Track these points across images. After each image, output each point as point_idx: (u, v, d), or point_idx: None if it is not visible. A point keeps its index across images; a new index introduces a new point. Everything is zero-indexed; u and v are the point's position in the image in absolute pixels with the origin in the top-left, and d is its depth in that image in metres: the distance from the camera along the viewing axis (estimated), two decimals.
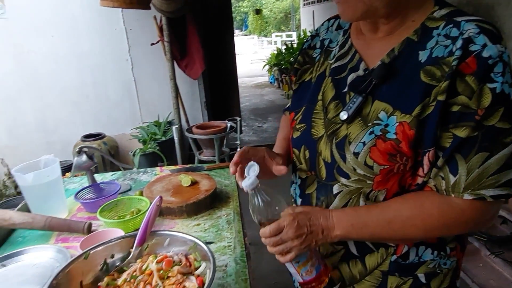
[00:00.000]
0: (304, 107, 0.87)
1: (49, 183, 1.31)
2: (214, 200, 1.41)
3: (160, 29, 2.96)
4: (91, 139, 3.21)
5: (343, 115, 0.75)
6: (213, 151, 1.99)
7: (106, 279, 0.87)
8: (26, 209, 1.34)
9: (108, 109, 3.48)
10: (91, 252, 0.90)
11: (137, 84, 3.44)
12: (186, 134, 2.12)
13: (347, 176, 0.75)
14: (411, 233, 0.73)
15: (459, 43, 0.64)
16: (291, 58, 7.44)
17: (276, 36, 18.90)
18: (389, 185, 0.72)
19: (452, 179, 0.67)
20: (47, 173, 1.30)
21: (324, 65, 0.89)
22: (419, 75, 0.68)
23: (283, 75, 7.83)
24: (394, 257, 0.79)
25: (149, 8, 2.39)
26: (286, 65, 7.62)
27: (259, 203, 0.79)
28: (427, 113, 0.66)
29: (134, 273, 0.88)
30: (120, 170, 1.85)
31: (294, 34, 14.01)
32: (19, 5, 3.09)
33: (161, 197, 0.99)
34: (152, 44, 3.05)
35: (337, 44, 0.88)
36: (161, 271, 0.86)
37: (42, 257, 1.11)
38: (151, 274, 0.87)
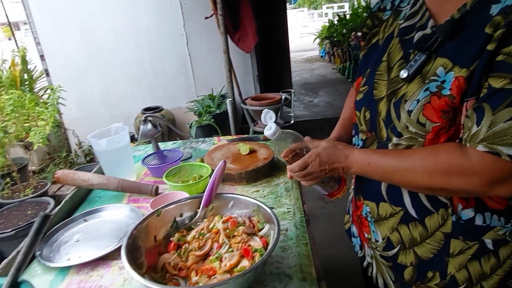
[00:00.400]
0: (369, 70, 0.88)
1: (120, 149, 1.42)
2: (272, 169, 1.43)
3: (214, 2, 2.97)
4: (150, 112, 3.37)
5: (403, 74, 0.74)
6: None
7: (177, 235, 0.94)
8: (100, 172, 1.47)
9: (165, 83, 3.62)
10: (163, 210, 0.97)
11: (192, 58, 3.52)
12: (241, 105, 2.15)
13: (399, 135, 0.75)
14: (417, 174, 0.72)
15: None
16: (344, 30, 7.12)
17: (327, 8, 18.14)
18: (439, 142, 0.71)
19: (474, 129, 0.64)
20: (118, 139, 1.40)
21: (393, 26, 0.86)
22: (485, 28, 0.64)
23: (335, 48, 7.55)
24: (455, 217, 0.76)
25: None
26: (338, 37, 7.31)
27: (284, 145, 0.91)
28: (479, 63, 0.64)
29: (202, 231, 0.93)
30: (177, 140, 1.93)
31: (347, 5, 13.32)
32: None
33: (225, 161, 1.03)
34: (206, 17, 3.08)
35: (408, 3, 0.84)
36: (227, 230, 0.91)
37: (118, 214, 1.22)
38: (217, 232, 0.91)
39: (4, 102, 2.36)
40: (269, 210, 0.91)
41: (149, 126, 1.55)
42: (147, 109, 3.42)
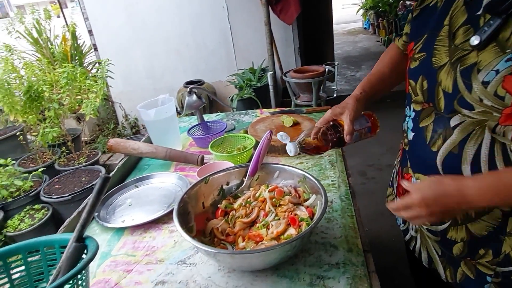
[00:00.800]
0: (426, 35, 0.80)
1: (167, 119, 1.46)
2: None
3: None
4: (192, 85, 3.43)
5: (474, 40, 0.67)
6: (310, 95, 1.96)
7: (224, 202, 0.96)
8: (148, 141, 1.53)
9: (206, 56, 3.64)
10: (211, 178, 0.99)
11: (233, 31, 3.50)
12: (284, 78, 2.12)
13: (470, 107, 0.69)
14: None
15: None
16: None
17: None
18: None
19: None
20: (165, 110, 1.44)
21: None
22: None
23: (380, 19, 7.14)
24: None
25: None
26: (384, 7, 6.88)
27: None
28: None
29: (249, 199, 0.95)
30: (219, 113, 1.95)
31: None
32: None
33: (271, 132, 1.02)
34: None
35: None
36: (273, 199, 0.92)
37: (166, 182, 1.27)
38: (264, 201, 0.93)
39: (59, 75, 2.50)
40: (315, 181, 0.90)
41: (194, 97, 1.57)
42: (189, 83, 3.47)
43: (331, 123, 0.91)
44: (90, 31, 3.63)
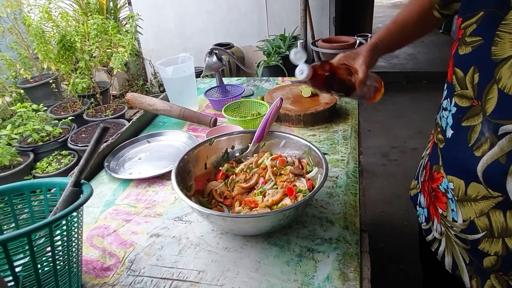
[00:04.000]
0: (482, 13, 0.63)
1: (185, 78, 1.45)
2: (333, 115, 1.36)
3: None
4: (221, 48, 3.38)
5: None
6: None
7: (226, 166, 0.96)
8: (166, 99, 1.54)
9: (238, 19, 3.54)
10: (216, 140, 0.99)
11: None
12: (311, 47, 2.02)
13: None
14: None
15: None
16: None
17: None
18: None
19: None
20: (183, 68, 1.43)
21: None
22: None
23: None
24: None
25: None
26: None
27: None
28: None
29: (250, 165, 0.94)
30: (244, 77, 1.92)
31: None
32: None
33: (281, 99, 0.99)
34: None
35: None
36: (275, 168, 0.90)
37: (177, 140, 1.28)
38: (265, 168, 0.91)
39: (90, 27, 2.52)
40: (319, 153, 0.87)
41: (214, 59, 1.54)
42: (217, 45, 3.42)
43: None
44: None
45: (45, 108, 2.86)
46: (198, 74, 3.36)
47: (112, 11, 4.02)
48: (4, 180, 2.51)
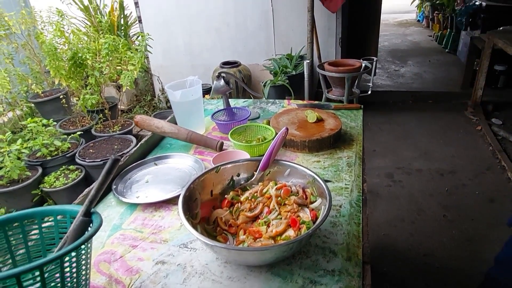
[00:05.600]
0: None
1: (193, 101, 1.48)
2: (337, 140, 1.38)
3: None
4: (228, 66, 3.44)
5: None
6: (343, 90, 1.90)
7: (231, 193, 0.98)
8: (173, 121, 1.57)
9: (245, 38, 3.61)
10: (222, 167, 1.01)
11: (275, 14, 3.43)
12: (317, 70, 2.06)
13: None
14: None
15: None
16: None
17: None
18: None
19: None
20: (191, 92, 1.46)
21: None
22: None
23: (436, 12, 6.70)
24: None
25: None
26: (442, 0, 6.44)
27: None
28: None
29: (255, 194, 0.96)
30: (251, 98, 1.95)
31: None
32: None
33: (287, 128, 1.02)
34: None
35: None
36: (279, 198, 0.92)
37: (183, 163, 1.31)
38: (269, 198, 0.93)
39: (101, 45, 2.59)
40: (323, 184, 0.89)
41: (222, 82, 1.58)
42: (225, 63, 3.48)
43: None
44: (136, 3, 3.70)
45: (55, 123, 2.92)
46: (206, 91, 3.42)
47: (122, 28, 4.12)
48: (13, 194, 2.54)
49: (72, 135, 2.93)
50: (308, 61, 2.81)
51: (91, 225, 0.74)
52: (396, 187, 2.64)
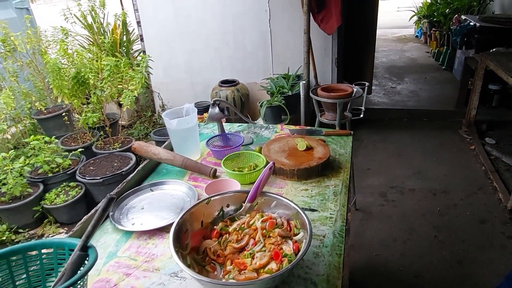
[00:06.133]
0: None
1: (188, 129, 1.55)
2: (326, 168, 1.44)
3: None
4: (227, 85, 3.53)
5: None
6: (335, 114, 1.97)
7: (220, 224, 1.04)
8: (170, 147, 1.64)
9: (244, 57, 3.71)
10: (212, 199, 1.07)
11: (272, 35, 3.53)
12: (311, 95, 2.14)
13: None
14: None
15: None
16: (447, 10, 6.34)
17: None
18: None
19: None
20: (187, 120, 1.54)
21: None
22: None
23: (433, 29, 6.82)
24: None
25: None
26: (439, 17, 6.56)
27: None
28: None
29: (243, 225, 1.02)
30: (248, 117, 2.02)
31: None
32: None
33: (273, 163, 1.08)
34: None
35: None
36: (264, 230, 0.98)
37: (178, 190, 1.37)
38: (256, 230, 0.99)
39: (103, 67, 2.68)
40: (305, 219, 0.95)
41: (217, 110, 1.65)
42: (223, 82, 3.57)
43: None
44: (138, 22, 3.81)
45: (57, 140, 2.99)
46: (204, 109, 3.47)
47: (125, 45, 4.23)
48: (15, 210, 2.60)
49: (73, 152, 3.00)
50: (304, 81, 2.89)
51: (87, 259, 0.80)
52: (389, 206, 2.69)
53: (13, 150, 2.85)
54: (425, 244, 2.30)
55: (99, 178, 2.70)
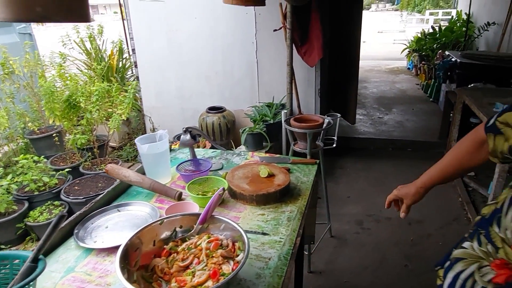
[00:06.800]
0: None
1: (159, 154, 1.65)
2: (285, 195, 1.53)
3: (284, 16, 3.09)
4: (214, 111, 3.66)
5: None
6: (306, 144, 2.09)
7: (171, 244, 1.12)
8: (142, 171, 1.73)
9: (232, 85, 3.87)
10: (166, 220, 1.16)
11: (259, 65, 3.71)
12: (284, 125, 2.25)
13: None
14: None
15: None
16: (435, 45, 6.61)
17: (430, 14, 16.78)
18: None
19: None
20: (158, 146, 1.64)
21: None
22: None
23: (422, 62, 7.06)
24: None
25: (263, 4, 2.58)
26: (427, 52, 6.82)
27: None
28: None
29: (191, 245, 1.10)
30: (226, 147, 2.13)
31: (454, 12, 12.06)
32: None
33: (223, 188, 1.17)
34: (275, 30, 3.22)
35: None
36: (208, 250, 1.06)
37: (142, 211, 1.46)
38: (201, 250, 1.07)
39: (93, 92, 2.82)
40: (246, 240, 1.03)
41: (188, 136, 1.76)
42: (211, 108, 3.71)
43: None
44: (133, 50, 4.00)
45: (45, 159, 3.09)
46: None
47: (120, 71, 4.42)
48: None
49: (61, 171, 3.09)
50: (286, 111, 3.02)
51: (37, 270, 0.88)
52: (364, 235, 2.75)
53: (1, 168, 2.94)
54: (395, 273, 2.35)
55: (82, 198, 2.78)
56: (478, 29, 5.29)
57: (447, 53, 5.13)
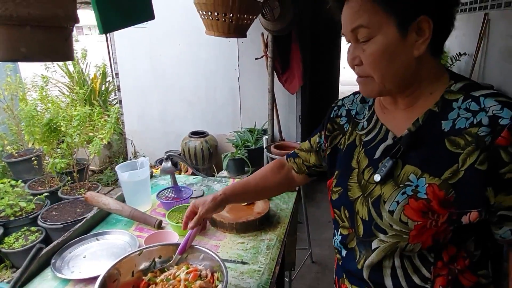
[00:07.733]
0: (337, 173, 0.97)
1: (140, 181, 1.67)
2: (264, 223, 1.56)
3: (266, 45, 3.21)
4: (196, 136, 3.70)
5: (377, 177, 0.84)
6: None
7: (149, 275, 1.13)
8: (122, 198, 1.74)
9: (214, 110, 3.94)
10: (144, 250, 1.17)
11: (241, 92, 3.80)
12: (265, 152, 2.31)
13: (384, 232, 0.82)
14: None
15: (485, 120, 0.72)
16: None
17: None
18: (423, 238, 0.78)
19: None
20: (138, 173, 1.66)
21: (353, 135, 0.96)
22: (444, 143, 0.76)
23: None
24: None
25: (245, 36, 2.70)
26: None
27: None
28: (458, 178, 0.74)
29: (169, 277, 1.11)
30: (208, 172, 2.15)
31: None
32: (157, 17, 3.72)
33: (205, 220, 1.20)
34: (257, 58, 3.33)
35: (363, 118, 0.95)
36: (187, 281, 1.07)
37: (121, 239, 1.45)
38: (180, 281, 1.08)
39: (74, 117, 2.82)
40: (224, 271, 1.05)
41: (169, 164, 1.78)
42: (194, 133, 3.75)
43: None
44: (116, 74, 4.04)
45: (23, 184, 3.03)
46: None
47: (103, 94, 4.42)
48: None
49: (39, 196, 3.03)
50: (267, 136, 3.09)
51: None
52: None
53: None
54: None
55: (59, 223, 2.72)
56: (451, 58, 5.56)
57: None
